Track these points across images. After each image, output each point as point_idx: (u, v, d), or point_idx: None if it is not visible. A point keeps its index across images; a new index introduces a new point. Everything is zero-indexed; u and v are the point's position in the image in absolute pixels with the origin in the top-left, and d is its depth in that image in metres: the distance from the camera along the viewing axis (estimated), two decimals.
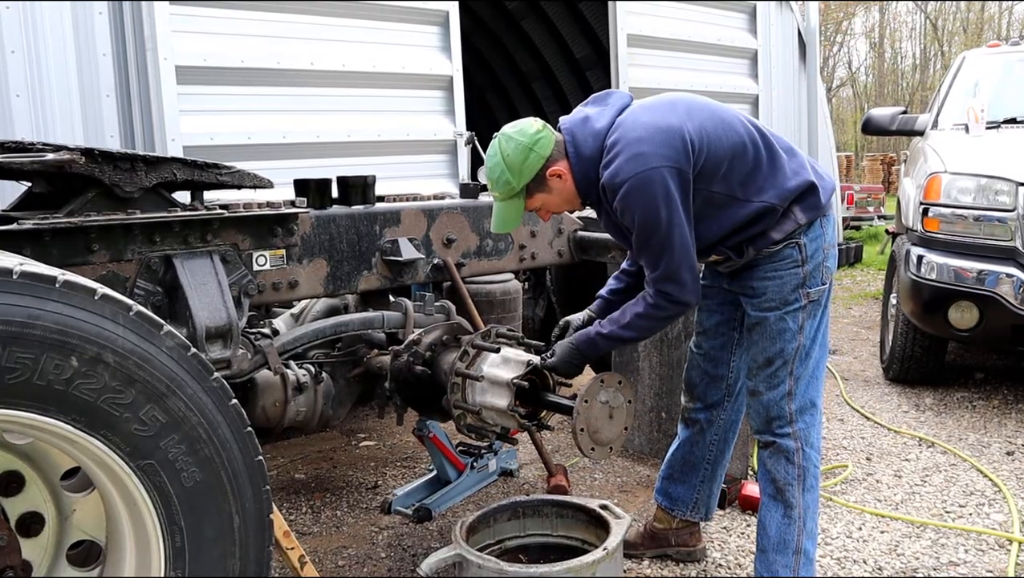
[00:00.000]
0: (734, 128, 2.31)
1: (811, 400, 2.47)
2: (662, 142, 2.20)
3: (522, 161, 2.30)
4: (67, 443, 1.67)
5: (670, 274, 2.27)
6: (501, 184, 2.34)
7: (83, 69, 3.40)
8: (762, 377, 2.46)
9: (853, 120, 30.61)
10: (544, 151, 2.31)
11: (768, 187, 2.33)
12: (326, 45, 4.11)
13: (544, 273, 4.53)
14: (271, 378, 2.67)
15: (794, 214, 2.36)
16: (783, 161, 2.37)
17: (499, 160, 2.32)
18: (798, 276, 2.38)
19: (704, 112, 2.31)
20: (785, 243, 2.37)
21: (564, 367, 2.48)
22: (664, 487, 2.92)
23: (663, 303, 2.33)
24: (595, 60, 8.00)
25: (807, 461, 2.47)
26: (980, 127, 4.98)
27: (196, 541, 1.78)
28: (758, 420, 2.51)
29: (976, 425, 4.37)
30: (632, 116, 2.30)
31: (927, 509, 3.37)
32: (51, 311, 1.57)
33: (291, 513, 3.46)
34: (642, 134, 2.22)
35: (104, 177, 2.16)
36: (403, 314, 2.96)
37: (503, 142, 2.33)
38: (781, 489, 2.48)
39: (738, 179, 2.31)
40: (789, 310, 2.39)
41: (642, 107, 2.35)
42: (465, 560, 2.32)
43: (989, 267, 4.25)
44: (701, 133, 2.25)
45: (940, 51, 30.58)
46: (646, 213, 2.20)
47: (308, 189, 2.80)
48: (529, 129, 2.33)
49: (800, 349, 2.41)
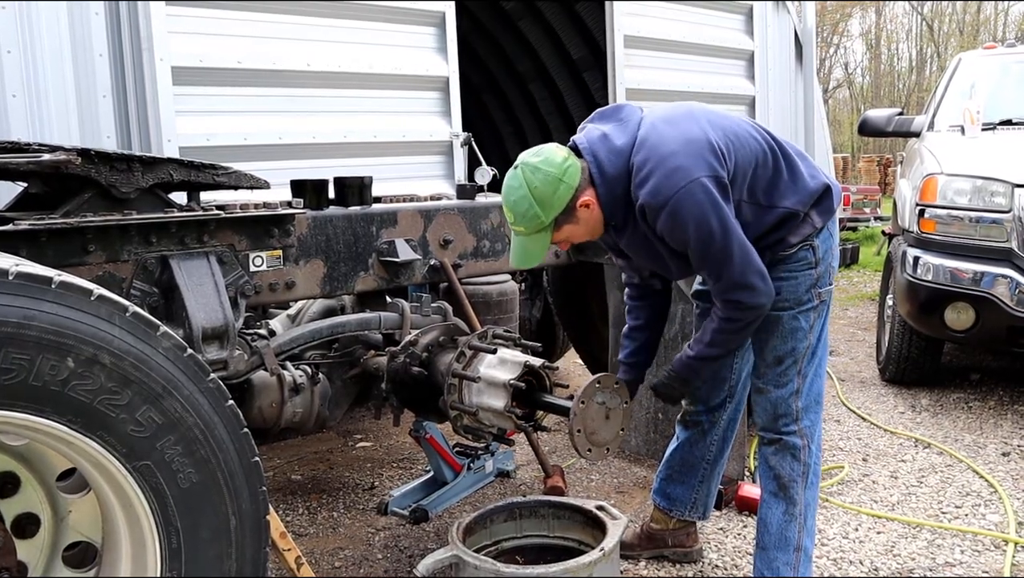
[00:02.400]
0: (751, 136, 2.31)
1: (815, 398, 2.49)
2: (695, 153, 2.15)
3: (552, 193, 2.18)
4: (63, 444, 1.67)
5: (736, 282, 2.23)
6: (528, 218, 2.21)
7: (79, 69, 3.39)
8: (771, 375, 2.46)
9: (850, 121, 30.67)
10: (573, 181, 2.20)
11: (790, 193, 2.34)
12: (322, 46, 4.10)
13: (541, 274, 4.54)
14: (267, 379, 2.66)
15: (811, 218, 2.37)
16: (798, 166, 2.38)
17: (526, 192, 2.18)
18: (811, 277, 2.39)
19: (722, 121, 2.30)
20: (800, 245, 2.37)
21: (665, 390, 2.54)
22: (662, 488, 2.92)
23: (735, 314, 2.28)
24: (592, 61, 8.00)
25: (811, 458, 2.49)
26: (976, 129, 4.99)
27: (192, 542, 1.77)
28: (765, 417, 2.51)
29: (972, 426, 4.38)
30: (655, 131, 2.22)
31: (923, 510, 3.38)
32: (47, 312, 1.57)
33: (287, 514, 3.46)
34: (674, 148, 2.16)
35: (100, 178, 2.15)
36: (400, 315, 2.96)
37: (528, 173, 2.19)
38: (785, 485, 2.48)
39: (762, 186, 2.30)
40: (802, 310, 2.40)
41: (662, 120, 2.26)
42: (462, 561, 2.32)
43: (985, 268, 4.27)
44: (727, 141, 2.22)
45: (936, 53, 30.65)
46: (699, 227, 2.14)
47: (305, 190, 2.80)
48: (555, 158, 2.21)
49: (809, 348, 2.43)
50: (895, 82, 33.28)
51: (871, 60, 33.72)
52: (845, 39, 33.07)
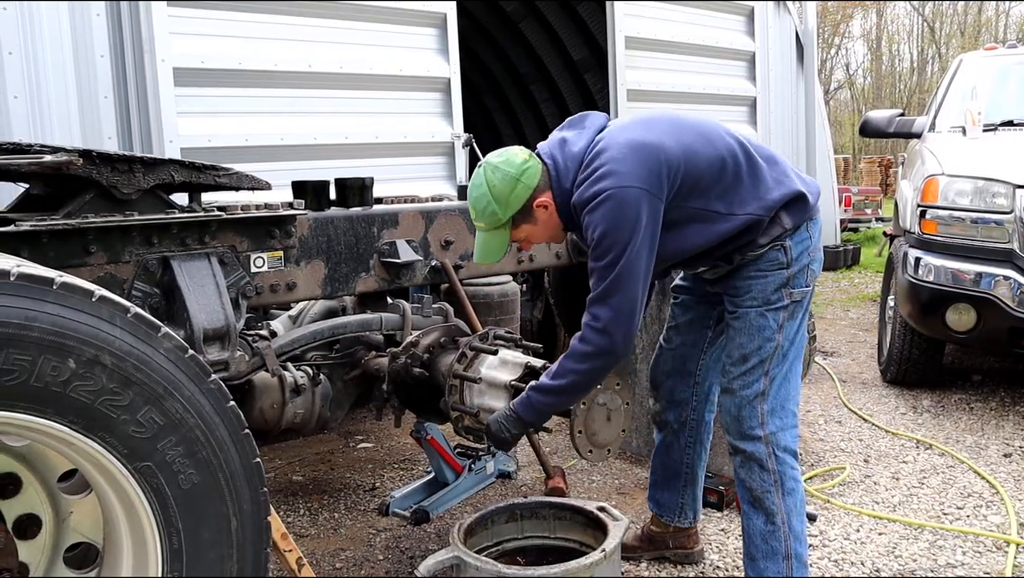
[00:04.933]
0: (712, 143, 2.29)
1: (783, 403, 2.42)
2: (639, 161, 2.17)
3: (509, 192, 2.26)
4: (64, 445, 1.67)
5: (608, 297, 2.16)
6: (487, 215, 2.30)
7: (81, 71, 3.40)
8: (736, 374, 2.42)
9: (851, 122, 30.70)
10: (531, 181, 2.27)
11: (751, 199, 2.31)
12: (324, 47, 4.11)
13: (542, 275, 4.53)
14: (269, 380, 2.66)
15: (780, 219, 2.35)
16: (764, 172, 2.35)
17: (485, 190, 2.28)
18: (782, 276, 2.37)
19: (683, 128, 2.29)
20: (770, 245, 2.36)
21: (496, 429, 2.34)
22: (653, 494, 2.93)
23: (588, 334, 2.18)
24: (593, 62, 8.01)
25: (781, 465, 2.41)
26: (977, 130, 4.99)
27: (193, 543, 1.77)
28: (728, 418, 2.46)
29: (973, 427, 4.37)
30: (610, 136, 2.26)
31: (925, 511, 3.38)
32: (48, 313, 1.56)
33: (289, 515, 3.46)
34: (619, 153, 2.18)
35: (102, 179, 2.15)
36: (401, 316, 2.96)
37: (489, 172, 2.28)
38: (759, 497, 2.43)
39: (716, 194, 2.29)
40: (771, 308, 2.38)
41: (620, 127, 2.32)
42: (463, 562, 2.32)
43: (986, 269, 4.26)
44: (680, 150, 2.22)
45: (937, 54, 30.66)
46: (609, 227, 2.14)
47: (306, 191, 2.80)
48: (516, 159, 2.29)
49: (778, 349, 2.38)
50: (896, 83, 33.29)
51: (872, 61, 33.74)
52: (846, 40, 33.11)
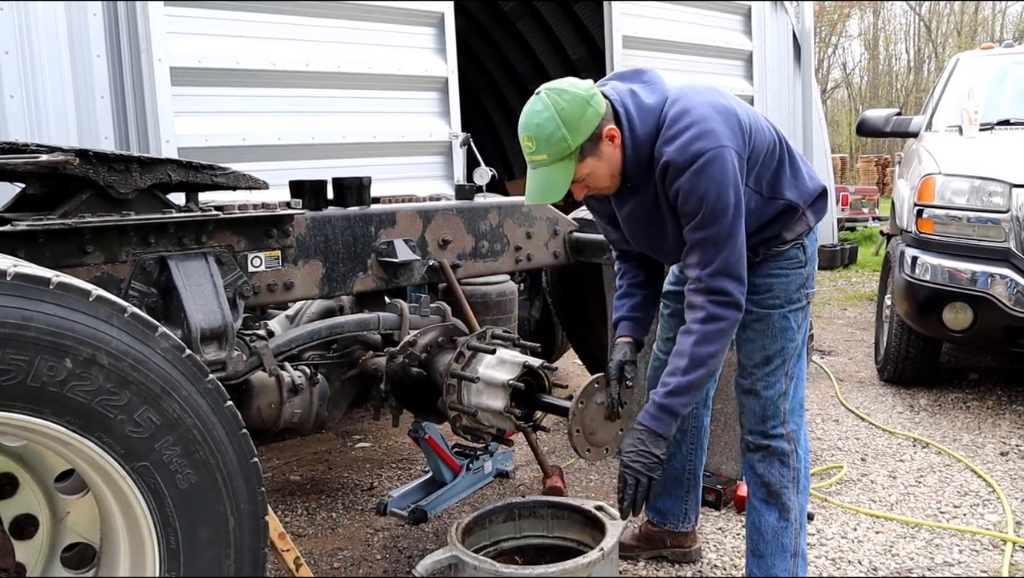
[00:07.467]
0: (764, 125, 2.29)
1: (800, 401, 2.48)
2: (727, 123, 2.10)
3: (580, 115, 2.05)
4: (61, 445, 1.66)
5: (729, 268, 2.10)
6: (553, 143, 2.06)
7: (77, 70, 3.39)
8: (759, 375, 2.44)
9: (848, 121, 30.70)
10: (600, 107, 2.09)
11: (791, 186, 2.33)
12: (321, 46, 4.11)
13: (540, 274, 4.53)
14: (266, 380, 2.66)
15: (807, 216, 2.37)
16: (800, 163, 2.38)
17: (552, 114, 2.05)
18: (801, 276, 2.39)
19: (742, 104, 2.27)
20: (793, 243, 2.37)
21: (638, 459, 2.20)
22: (653, 503, 2.89)
23: (719, 310, 2.10)
24: (590, 62, 8.02)
25: (799, 463, 2.47)
26: (974, 129, 4.99)
27: (191, 543, 1.77)
28: (753, 419, 2.48)
29: (970, 426, 4.38)
30: (687, 95, 2.15)
31: (922, 510, 3.38)
32: (45, 313, 1.56)
33: (286, 515, 3.45)
34: (708, 112, 2.08)
35: (98, 178, 2.15)
36: (398, 316, 2.95)
37: (554, 95, 2.06)
38: (776, 493, 2.46)
39: (767, 175, 2.29)
40: (792, 309, 2.39)
41: (692, 88, 2.20)
42: (461, 561, 2.32)
43: (983, 268, 4.27)
44: (749, 122, 2.20)
45: (934, 53, 30.69)
46: (719, 196, 2.04)
47: (303, 190, 2.79)
48: (580, 83, 2.10)
49: (796, 349, 2.42)
50: (893, 82, 33.31)
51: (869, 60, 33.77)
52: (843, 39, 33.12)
